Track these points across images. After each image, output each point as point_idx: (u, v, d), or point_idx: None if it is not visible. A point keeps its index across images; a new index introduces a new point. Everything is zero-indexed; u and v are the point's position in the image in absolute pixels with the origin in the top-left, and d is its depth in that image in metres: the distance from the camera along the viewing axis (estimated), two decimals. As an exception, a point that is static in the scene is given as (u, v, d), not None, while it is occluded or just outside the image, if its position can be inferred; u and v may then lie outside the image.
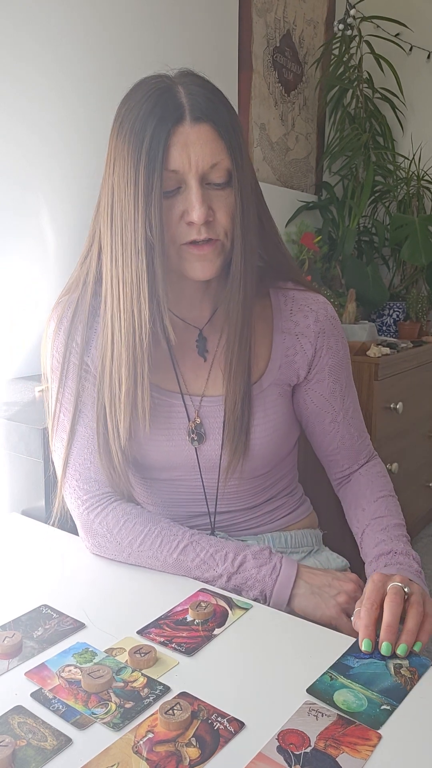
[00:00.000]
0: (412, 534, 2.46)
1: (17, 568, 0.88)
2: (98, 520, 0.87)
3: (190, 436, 0.90)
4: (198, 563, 0.83)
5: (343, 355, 0.96)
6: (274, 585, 0.81)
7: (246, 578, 0.81)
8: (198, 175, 0.76)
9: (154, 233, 0.76)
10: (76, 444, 0.88)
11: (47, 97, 1.49)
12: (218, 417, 0.90)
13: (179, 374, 0.90)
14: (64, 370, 0.88)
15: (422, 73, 2.72)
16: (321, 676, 0.64)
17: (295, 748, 0.55)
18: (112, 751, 0.55)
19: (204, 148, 0.75)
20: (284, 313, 0.92)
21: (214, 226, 0.79)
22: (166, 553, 0.84)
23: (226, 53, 2.12)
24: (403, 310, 2.60)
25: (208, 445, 0.91)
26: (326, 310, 0.94)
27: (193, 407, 0.91)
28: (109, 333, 0.82)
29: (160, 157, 0.74)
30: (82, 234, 1.63)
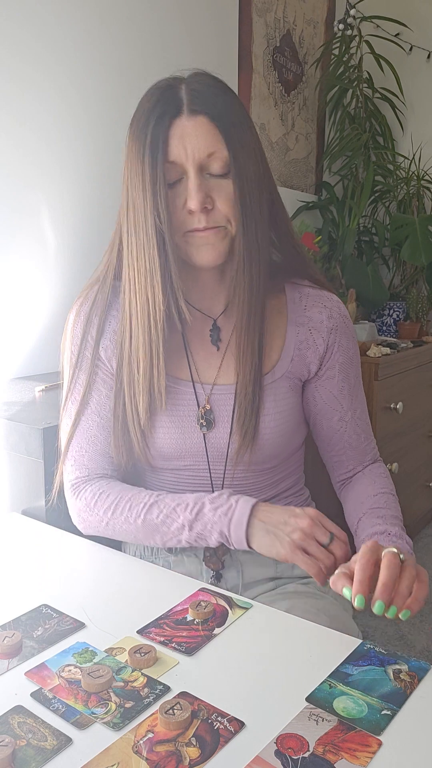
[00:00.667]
0: (412, 534, 2.46)
1: (17, 568, 0.88)
2: (80, 497, 0.91)
3: (200, 422, 0.91)
4: (162, 519, 0.85)
5: (353, 354, 0.97)
6: (230, 525, 0.81)
7: (205, 523, 0.83)
8: (195, 165, 0.79)
9: (163, 221, 0.80)
10: (78, 431, 0.93)
11: (47, 96, 1.49)
12: (228, 405, 0.91)
13: (192, 362, 0.93)
14: (78, 361, 0.93)
15: (422, 73, 2.72)
16: (320, 684, 0.64)
17: (294, 752, 0.55)
18: (112, 751, 0.55)
19: (199, 139, 0.79)
20: (299, 307, 0.94)
21: (214, 214, 0.82)
22: (134, 515, 0.87)
23: (226, 53, 2.12)
24: (403, 310, 2.60)
25: (216, 433, 0.92)
26: (340, 309, 0.96)
27: (204, 394, 0.92)
28: (128, 318, 0.87)
29: (161, 150, 0.79)
30: (83, 233, 1.64)
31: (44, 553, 0.93)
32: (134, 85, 1.74)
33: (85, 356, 0.92)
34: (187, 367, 0.92)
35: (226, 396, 0.92)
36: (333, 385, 0.96)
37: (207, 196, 0.80)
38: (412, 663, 0.67)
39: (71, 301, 1.60)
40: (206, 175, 0.81)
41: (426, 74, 2.72)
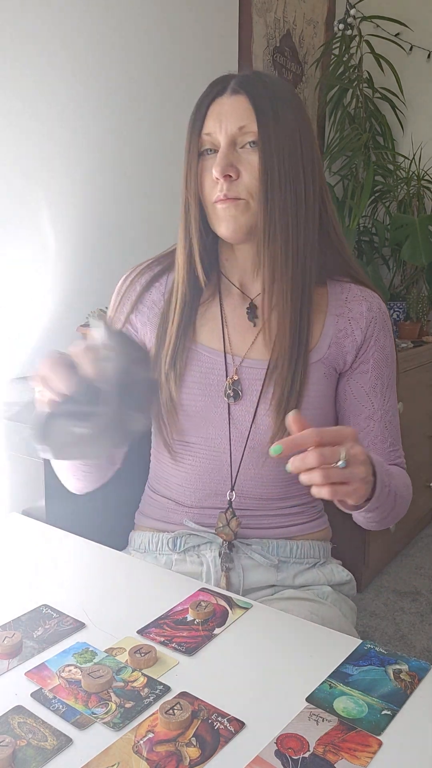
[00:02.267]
0: (412, 534, 2.46)
1: (17, 568, 0.88)
2: None
3: (226, 392, 0.92)
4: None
5: (389, 353, 0.97)
6: None
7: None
8: (227, 136, 0.85)
9: (190, 190, 0.88)
10: None
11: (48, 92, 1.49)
12: (257, 380, 0.92)
13: (226, 334, 0.95)
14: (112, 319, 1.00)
15: (422, 73, 2.72)
16: (320, 685, 0.64)
17: (294, 752, 0.55)
18: (113, 751, 0.55)
19: (234, 113, 0.85)
20: (339, 299, 0.96)
21: (236, 185, 0.85)
22: None
23: (226, 53, 2.12)
24: (404, 310, 2.60)
25: (241, 405, 0.92)
26: (380, 305, 0.97)
27: (233, 365, 0.94)
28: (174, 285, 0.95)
29: (199, 123, 0.87)
30: (84, 233, 1.64)
31: (44, 553, 0.93)
32: (135, 83, 1.74)
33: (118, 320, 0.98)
34: (220, 339, 0.95)
35: (256, 371, 0.93)
36: (365, 381, 0.95)
37: (231, 165, 0.84)
38: (413, 663, 0.67)
39: (72, 301, 1.61)
40: (238, 149, 0.85)
41: (426, 74, 2.72)
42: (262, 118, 0.83)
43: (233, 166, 0.84)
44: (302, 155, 0.87)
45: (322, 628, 0.74)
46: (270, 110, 0.84)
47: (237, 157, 0.85)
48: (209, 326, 0.95)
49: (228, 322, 0.95)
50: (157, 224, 1.87)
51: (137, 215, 1.80)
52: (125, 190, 1.75)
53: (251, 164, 0.84)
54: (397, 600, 2.07)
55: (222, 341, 0.94)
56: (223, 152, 0.84)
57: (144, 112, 1.78)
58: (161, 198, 1.88)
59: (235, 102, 0.85)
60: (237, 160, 0.85)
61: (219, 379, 0.93)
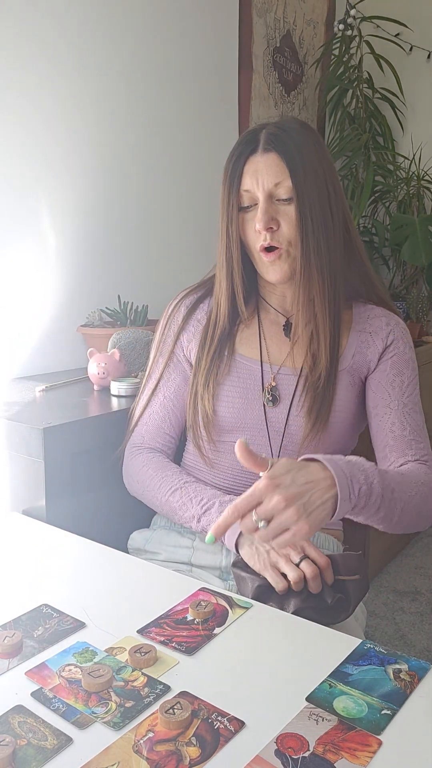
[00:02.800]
0: (412, 534, 2.46)
1: (17, 568, 0.88)
2: (131, 460, 1.08)
3: (266, 397, 1.03)
4: (179, 505, 0.99)
5: (409, 358, 1.06)
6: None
7: (209, 521, 0.94)
8: (265, 192, 0.96)
9: (232, 239, 1.00)
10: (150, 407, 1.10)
11: (49, 94, 1.49)
12: (291, 386, 1.03)
13: (263, 345, 1.07)
14: (159, 346, 1.11)
15: (422, 73, 2.72)
16: (320, 684, 0.64)
17: (294, 752, 0.55)
18: (113, 751, 0.55)
19: (269, 171, 0.95)
20: (362, 318, 1.07)
21: (278, 235, 0.97)
22: (161, 494, 1.01)
23: (226, 53, 2.12)
24: (404, 310, 2.60)
25: (279, 409, 1.03)
26: (399, 323, 1.08)
27: (270, 373, 1.05)
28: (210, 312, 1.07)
29: (237, 182, 0.97)
30: (84, 233, 1.64)
31: (44, 553, 0.93)
32: (136, 83, 1.74)
33: (166, 342, 1.10)
34: (258, 349, 1.06)
35: (291, 377, 1.04)
36: (384, 376, 1.04)
37: (272, 219, 0.96)
38: (412, 662, 0.67)
39: (72, 301, 1.61)
40: (275, 201, 0.96)
41: (426, 74, 2.72)
42: (295, 176, 0.94)
43: (274, 219, 0.96)
44: (329, 199, 0.98)
45: (322, 628, 0.74)
46: (300, 166, 0.95)
47: (275, 209, 0.96)
48: (248, 339, 1.07)
49: (266, 335, 1.07)
50: (158, 224, 1.87)
51: (138, 215, 1.80)
52: (126, 190, 1.75)
53: (289, 216, 0.96)
54: (397, 600, 2.08)
55: (259, 351, 1.06)
56: (264, 208, 0.95)
57: (145, 111, 1.78)
58: (162, 199, 1.88)
59: (269, 160, 0.95)
60: (276, 213, 0.96)
61: (255, 384, 1.04)
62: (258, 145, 0.97)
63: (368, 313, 1.08)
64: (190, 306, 1.10)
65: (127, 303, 1.62)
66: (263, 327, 1.08)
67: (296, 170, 0.95)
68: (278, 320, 1.08)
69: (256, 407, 1.03)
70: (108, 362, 1.34)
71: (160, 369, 1.09)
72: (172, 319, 1.10)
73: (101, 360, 1.34)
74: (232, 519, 0.75)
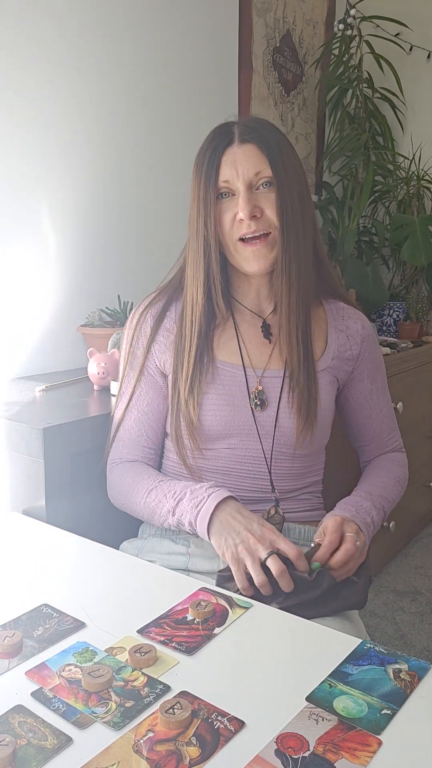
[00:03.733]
0: (412, 534, 2.46)
1: (17, 568, 0.88)
2: (110, 474, 1.08)
3: (253, 402, 1.03)
4: (156, 503, 0.98)
5: (379, 362, 1.15)
6: (197, 516, 0.92)
7: (182, 511, 0.94)
8: (245, 182, 0.95)
9: (209, 230, 0.97)
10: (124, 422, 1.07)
11: (45, 99, 1.49)
12: (276, 387, 1.04)
13: (243, 350, 1.05)
14: (129, 361, 1.08)
15: (422, 73, 2.72)
16: (320, 684, 0.63)
17: (294, 751, 0.55)
18: (113, 750, 0.55)
19: (249, 161, 0.95)
20: (337, 317, 1.11)
21: (263, 221, 0.96)
22: (140, 498, 1.00)
23: (226, 53, 2.12)
24: (404, 310, 2.60)
25: (268, 412, 1.03)
26: (368, 323, 1.14)
27: (255, 377, 1.04)
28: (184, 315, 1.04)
29: (214, 173, 0.96)
30: (84, 233, 1.64)
31: (44, 553, 0.93)
32: (135, 84, 1.74)
33: (135, 355, 1.07)
34: (238, 354, 1.05)
35: (277, 380, 1.04)
36: (363, 388, 1.13)
37: (255, 206, 0.96)
38: (413, 662, 0.67)
39: (72, 301, 1.61)
40: (254, 191, 0.96)
41: (426, 74, 2.72)
42: (275, 164, 0.95)
43: (257, 207, 0.96)
44: (302, 191, 0.99)
45: (322, 628, 0.74)
46: (278, 155, 0.96)
47: (256, 198, 0.96)
48: (227, 345, 1.05)
49: (244, 339, 1.06)
50: (158, 225, 1.87)
51: (138, 216, 1.80)
52: (126, 190, 1.75)
53: (270, 201, 0.96)
54: (397, 600, 2.08)
55: (240, 357, 1.05)
56: (246, 197, 0.95)
57: (145, 112, 1.78)
58: (162, 199, 1.88)
59: (247, 150, 0.96)
60: (257, 200, 0.96)
61: (241, 390, 1.03)
62: (233, 137, 0.97)
63: (342, 312, 1.11)
64: (157, 315, 1.07)
65: (127, 303, 1.62)
66: (240, 330, 1.06)
67: (275, 159, 0.96)
68: (255, 322, 1.07)
69: (244, 413, 1.02)
70: (108, 362, 1.34)
71: (132, 383, 1.07)
72: (140, 330, 1.07)
73: (101, 360, 1.34)
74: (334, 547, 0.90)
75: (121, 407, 1.08)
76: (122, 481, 1.04)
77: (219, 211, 0.97)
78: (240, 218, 0.95)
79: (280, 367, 1.04)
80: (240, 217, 0.95)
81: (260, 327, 1.07)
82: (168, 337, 1.05)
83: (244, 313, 1.07)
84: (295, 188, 0.98)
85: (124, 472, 1.05)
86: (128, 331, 1.09)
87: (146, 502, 0.99)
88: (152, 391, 1.07)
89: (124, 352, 1.09)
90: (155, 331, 1.06)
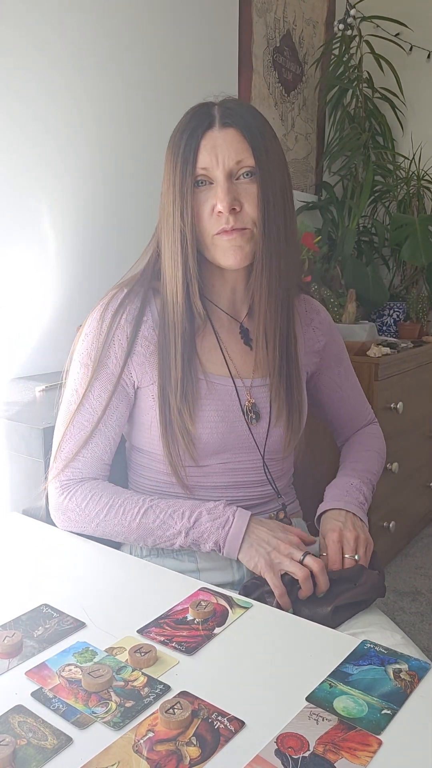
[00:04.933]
0: (412, 534, 2.46)
1: (17, 568, 0.88)
2: (69, 497, 0.94)
3: (248, 416, 0.98)
4: (159, 524, 0.90)
5: (341, 344, 1.16)
6: (227, 536, 0.88)
7: (202, 531, 0.88)
8: (225, 171, 0.87)
9: (186, 223, 0.88)
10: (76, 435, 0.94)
11: (44, 99, 1.49)
12: (266, 397, 1.00)
13: (228, 360, 0.99)
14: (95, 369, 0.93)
15: (422, 73, 2.72)
16: (320, 684, 0.64)
17: (294, 751, 0.55)
18: (113, 750, 0.55)
19: (230, 148, 0.87)
20: (302, 309, 1.08)
21: (242, 216, 0.89)
22: (129, 518, 0.91)
23: (226, 53, 2.12)
24: (404, 310, 2.60)
25: (261, 424, 1.00)
26: (325, 310, 1.14)
27: (244, 389, 0.99)
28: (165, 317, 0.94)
29: (192, 159, 0.88)
30: (84, 232, 1.64)
31: (44, 553, 0.93)
32: (135, 84, 1.74)
33: (105, 365, 0.93)
34: (224, 364, 0.98)
35: (264, 388, 1.00)
36: (332, 374, 1.13)
37: (235, 199, 0.87)
38: (413, 662, 0.67)
39: (72, 301, 1.61)
40: (234, 180, 0.88)
41: (426, 74, 2.72)
42: (258, 153, 0.87)
43: (237, 200, 0.88)
44: (284, 183, 0.92)
45: (322, 628, 0.74)
46: (261, 143, 0.88)
47: (235, 189, 0.88)
48: (210, 355, 0.98)
49: (227, 348, 0.99)
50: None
51: (138, 215, 1.80)
52: (126, 190, 1.75)
53: (251, 195, 0.88)
54: (397, 600, 2.08)
55: (226, 367, 0.98)
56: (226, 187, 0.87)
57: (145, 111, 1.78)
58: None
59: (228, 135, 0.87)
60: (236, 192, 0.88)
61: (234, 404, 0.97)
62: (214, 120, 0.88)
63: (303, 304, 1.09)
64: (132, 321, 0.94)
65: (127, 303, 1.62)
66: (220, 337, 0.99)
67: (258, 147, 0.88)
68: (233, 327, 1.00)
69: (240, 427, 0.97)
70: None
71: (104, 396, 0.94)
72: (112, 337, 0.93)
73: (101, 360, 1.34)
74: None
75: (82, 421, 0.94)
76: (93, 503, 0.92)
77: (196, 202, 0.89)
78: (219, 211, 0.87)
79: (266, 374, 1.00)
80: (219, 209, 0.87)
81: (239, 333, 1.01)
82: (147, 347, 0.94)
83: (220, 316, 1.00)
84: (278, 180, 0.90)
85: (92, 492, 0.93)
86: (93, 335, 0.94)
87: (141, 523, 0.90)
88: (122, 405, 0.96)
89: (83, 356, 0.94)
90: (133, 341, 0.93)
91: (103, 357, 0.93)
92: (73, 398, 0.95)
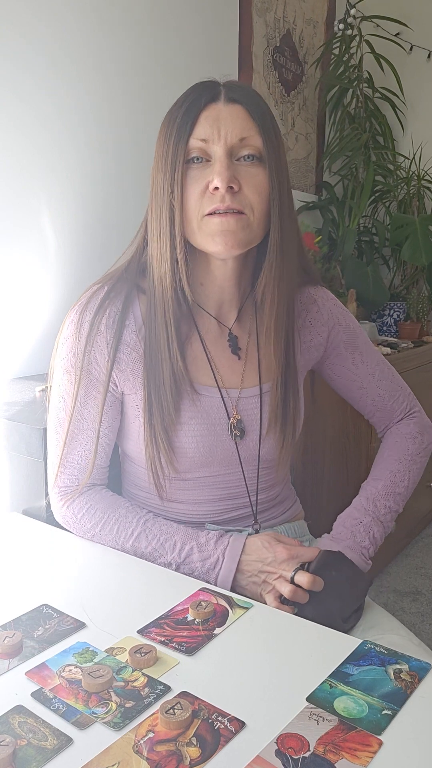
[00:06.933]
0: (412, 534, 2.46)
1: (17, 568, 0.88)
2: (66, 506, 0.93)
3: (233, 432, 0.92)
4: (150, 550, 0.88)
5: (353, 327, 1.03)
6: (217, 578, 0.86)
7: (192, 570, 0.87)
8: (226, 146, 0.80)
9: (176, 199, 0.80)
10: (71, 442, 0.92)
11: (44, 99, 1.49)
12: (256, 410, 0.94)
13: (215, 370, 0.93)
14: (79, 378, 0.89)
15: (422, 72, 2.72)
16: (320, 684, 0.63)
17: (294, 752, 0.55)
18: (113, 751, 0.55)
19: (235, 123, 0.80)
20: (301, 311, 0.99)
21: (240, 197, 0.81)
22: (123, 539, 0.90)
23: (226, 53, 2.12)
24: (404, 310, 2.60)
25: (248, 440, 0.94)
26: (325, 296, 1.02)
27: (231, 402, 0.93)
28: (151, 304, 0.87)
29: (188, 129, 0.80)
30: (84, 232, 1.64)
31: (44, 553, 0.93)
32: (135, 84, 1.74)
33: (90, 373, 0.89)
34: (211, 374, 0.92)
35: (253, 401, 0.94)
36: (344, 361, 1.02)
37: (234, 178, 0.80)
38: (413, 662, 0.67)
39: (72, 301, 1.61)
40: (234, 160, 0.81)
41: (426, 74, 2.72)
42: (267, 134, 0.81)
43: (235, 179, 0.80)
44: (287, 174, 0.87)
45: (322, 628, 0.74)
46: (270, 126, 0.82)
47: (236, 169, 0.81)
48: (197, 364, 0.91)
49: (213, 357, 0.93)
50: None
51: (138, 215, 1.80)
52: (126, 190, 1.75)
53: (254, 179, 0.81)
54: (398, 600, 2.07)
55: (213, 377, 0.92)
56: (225, 163, 0.79)
57: (145, 111, 1.78)
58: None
59: (234, 111, 0.80)
60: (236, 172, 0.80)
61: (221, 417, 0.92)
62: (219, 93, 0.81)
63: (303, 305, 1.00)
64: (113, 326, 0.87)
65: (127, 303, 1.62)
66: (207, 347, 0.92)
67: (266, 127, 0.81)
68: (220, 334, 0.94)
69: (225, 442, 0.92)
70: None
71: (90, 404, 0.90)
72: (92, 343, 0.87)
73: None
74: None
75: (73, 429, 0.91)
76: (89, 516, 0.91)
77: (186, 179, 0.80)
78: (215, 187, 0.79)
79: (255, 384, 0.94)
80: (215, 185, 0.79)
81: (227, 341, 0.94)
82: (130, 354, 0.88)
83: (208, 321, 0.93)
84: (284, 164, 0.84)
85: (87, 503, 0.92)
86: (72, 340, 0.89)
87: (134, 546, 0.89)
88: (112, 410, 0.92)
89: (65, 361, 0.90)
90: (115, 348, 0.88)
91: (86, 364, 0.88)
92: (60, 405, 0.91)
